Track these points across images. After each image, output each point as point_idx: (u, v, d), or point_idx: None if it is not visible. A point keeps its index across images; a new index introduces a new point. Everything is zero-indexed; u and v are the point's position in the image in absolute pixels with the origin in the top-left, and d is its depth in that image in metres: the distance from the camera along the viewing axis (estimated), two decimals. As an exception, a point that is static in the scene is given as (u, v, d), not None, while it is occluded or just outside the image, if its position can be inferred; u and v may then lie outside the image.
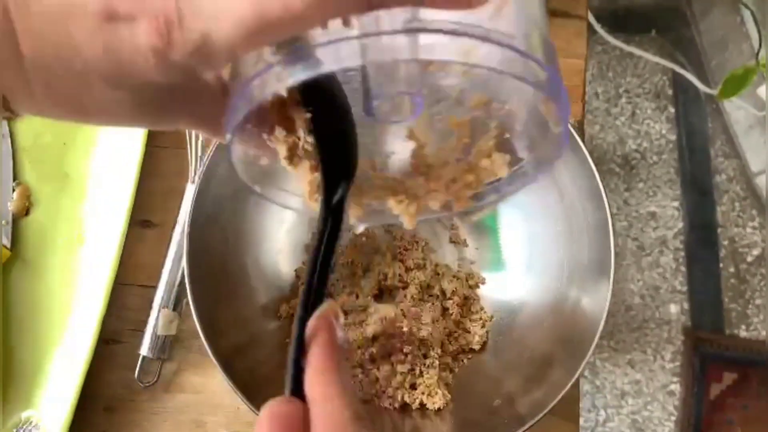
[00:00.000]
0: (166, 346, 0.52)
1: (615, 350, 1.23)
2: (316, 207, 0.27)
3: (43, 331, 0.52)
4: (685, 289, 1.25)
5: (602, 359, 1.22)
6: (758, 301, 1.24)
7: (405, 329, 0.48)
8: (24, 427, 0.51)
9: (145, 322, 0.52)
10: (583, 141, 0.46)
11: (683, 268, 1.26)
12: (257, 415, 0.42)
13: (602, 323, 0.43)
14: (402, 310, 0.49)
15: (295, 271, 0.53)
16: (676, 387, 1.21)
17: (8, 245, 0.53)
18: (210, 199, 0.46)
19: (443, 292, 0.51)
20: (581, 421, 1.19)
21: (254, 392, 0.43)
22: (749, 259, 1.26)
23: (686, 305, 1.24)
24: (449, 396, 0.48)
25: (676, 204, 1.29)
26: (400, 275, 0.51)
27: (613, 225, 0.44)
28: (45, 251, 0.54)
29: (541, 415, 0.42)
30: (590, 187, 0.46)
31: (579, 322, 0.46)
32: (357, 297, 0.51)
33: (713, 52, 1.29)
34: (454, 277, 0.52)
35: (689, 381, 1.20)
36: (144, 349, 0.51)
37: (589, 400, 1.21)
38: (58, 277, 0.54)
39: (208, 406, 0.52)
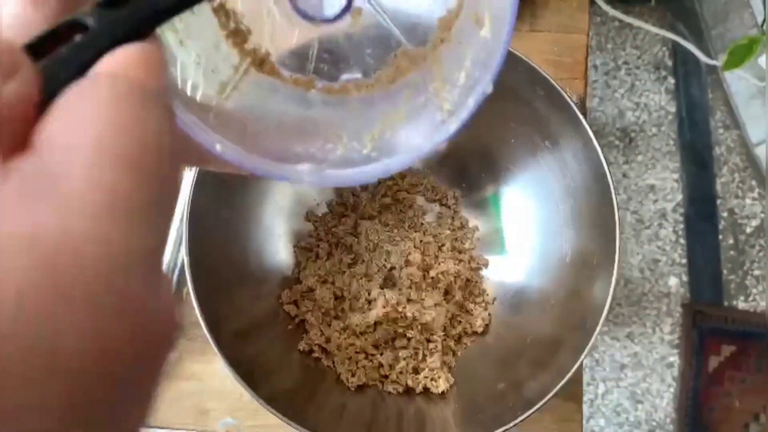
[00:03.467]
0: (167, 334, 0.52)
1: (614, 324, 1.23)
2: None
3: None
4: (684, 261, 1.25)
5: (601, 333, 1.23)
6: (757, 272, 1.24)
7: (408, 314, 0.47)
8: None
9: (145, 310, 0.52)
10: (585, 119, 0.45)
11: (683, 241, 1.26)
12: (264, 405, 0.42)
13: (608, 303, 0.43)
14: (404, 295, 0.48)
15: (294, 247, 0.53)
16: (674, 359, 1.21)
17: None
18: (208, 185, 0.45)
19: (445, 275, 0.51)
20: (581, 394, 1.20)
21: (257, 380, 0.42)
22: (748, 230, 1.26)
23: (685, 278, 1.24)
24: (452, 380, 0.48)
25: (675, 176, 1.29)
26: (407, 260, 0.50)
27: (617, 205, 0.44)
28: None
29: (546, 398, 0.41)
30: (593, 168, 0.45)
31: (583, 304, 0.46)
32: (362, 281, 0.50)
33: (714, 22, 1.27)
34: (456, 259, 0.52)
35: (688, 353, 1.21)
36: (145, 338, 0.51)
37: (589, 374, 1.22)
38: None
39: (211, 392, 0.52)
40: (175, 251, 0.51)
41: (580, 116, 0.44)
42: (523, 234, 0.52)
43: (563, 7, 0.56)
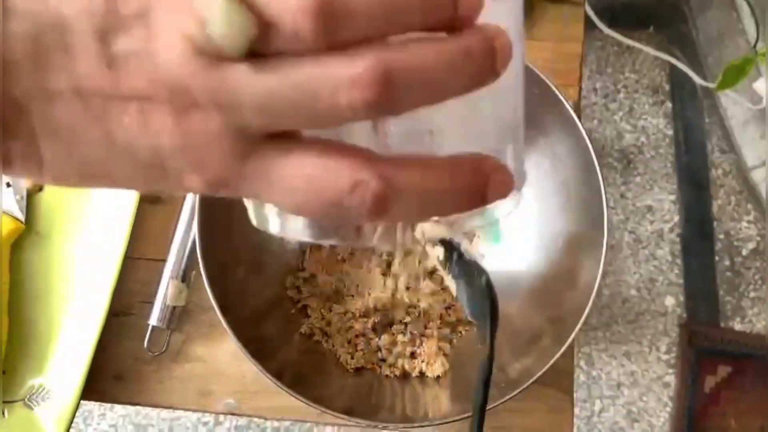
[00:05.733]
0: (175, 317, 0.54)
1: (611, 342, 1.24)
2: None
3: (55, 303, 0.54)
4: (681, 281, 1.27)
5: (598, 350, 1.24)
6: (753, 294, 1.26)
7: (405, 300, 0.49)
8: (36, 393, 0.52)
9: (154, 295, 0.54)
10: (579, 119, 0.48)
11: (679, 261, 1.28)
12: (270, 379, 0.43)
13: (593, 294, 0.45)
14: (402, 282, 0.51)
15: (300, 245, 0.55)
16: (671, 378, 1.22)
17: (22, 219, 0.55)
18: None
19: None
20: (577, 410, 1.20)
21: (265, 359, 0.44)
22: (744, 252, 1.28)
23: (682, 297, 1.26)
24: (448, 365, 0.50)
25: (672, 198, 1.31)
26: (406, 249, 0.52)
27: (606, 200, 0.46)
28: (57, 225, 0.56)
29: (530, 381, 0.43)
30: (584, 164, 0.47)
31: (573, 295, 0.48)
32: (363, 269, 0.52)
33: (710, 48, 1.31)
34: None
35: (684, 373, 1.21)
36: (153, 319, 0.53)
37: (585, 391, 1.22)
38: (70, 250, 0.55)
39: (214, 375, 0.54)
40: (185, 236, 0.54)
41: (573, 114, 0.47)
42: (518, 227, 0.54)
43: (557, 17, 0.59)
